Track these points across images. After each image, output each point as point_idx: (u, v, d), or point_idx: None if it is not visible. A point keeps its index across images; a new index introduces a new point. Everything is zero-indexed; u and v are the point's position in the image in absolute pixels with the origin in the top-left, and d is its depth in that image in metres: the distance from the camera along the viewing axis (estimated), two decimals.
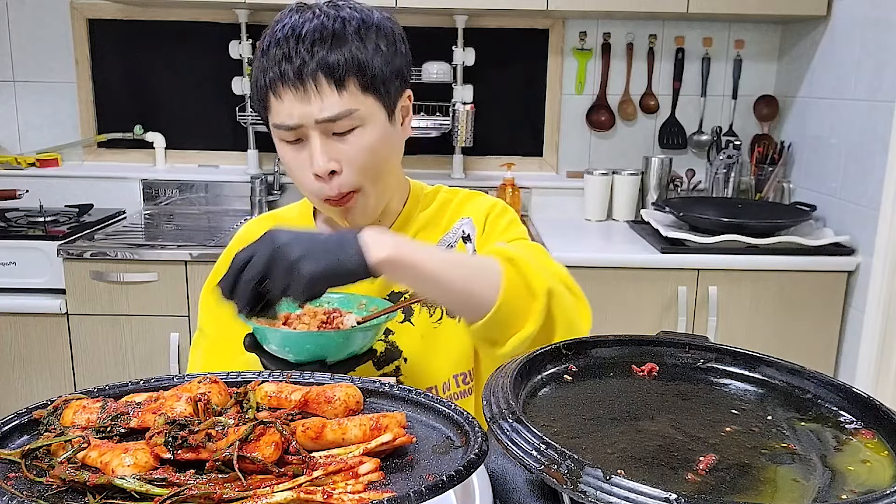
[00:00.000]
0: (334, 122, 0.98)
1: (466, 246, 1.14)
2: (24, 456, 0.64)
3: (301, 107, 0.97)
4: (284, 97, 0.98)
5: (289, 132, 1.00)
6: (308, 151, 1.00)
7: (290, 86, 0.97)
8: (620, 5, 2.47)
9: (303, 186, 1.05)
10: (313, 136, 0.99)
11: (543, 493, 0.81)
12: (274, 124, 1.01)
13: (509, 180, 2.74)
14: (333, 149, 1.00)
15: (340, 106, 0.98)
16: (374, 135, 1.01)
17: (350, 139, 1.00)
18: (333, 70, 0.96)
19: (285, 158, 1.04)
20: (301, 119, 0.98)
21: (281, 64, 0.97)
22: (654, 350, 0.88)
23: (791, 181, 2.72)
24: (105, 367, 2.37)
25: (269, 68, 0.98)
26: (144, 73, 2.86)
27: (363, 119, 1.00)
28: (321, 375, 0.82)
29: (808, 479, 0.64)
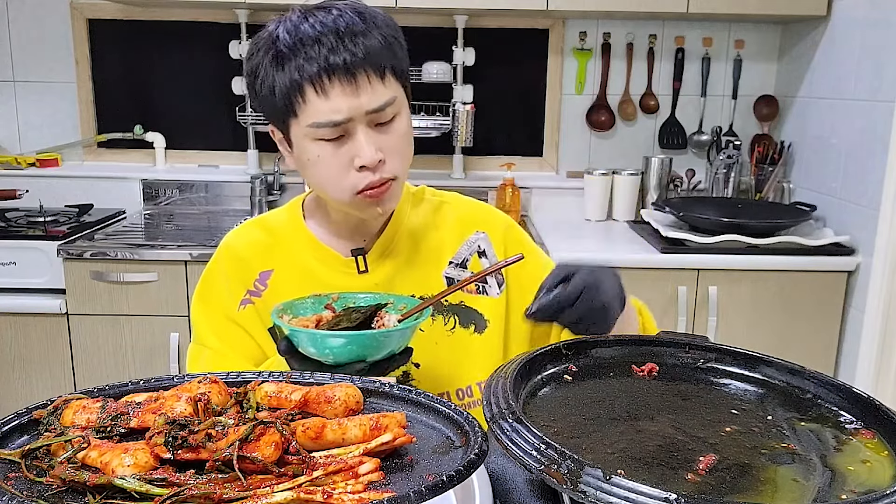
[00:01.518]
0: (382, 111, 0.99)
1: (481, 261, 1.14)
2: (24, 456, 0.64)
3: (350, 100, 0.97)
4: (332, 93, 0.96)
5: (332, 129, 0.98)
6: (350, 146, 1.00)
7: (341, 79, 0.96)
8: (620, 5, 2.47)
9: (337, 183, 1.02)
10: (359, 129, 0.99)
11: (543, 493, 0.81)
12: (314, 123, 0.98)
13: (509, 180, 2.74)
14: (377, 139, 1.00)
15: (387, 94, 0.99)
16: (407, 121, 1.05)
17: (392, 127, 1.02)
18: (378, 61, 0.98)
19: (321, 157, 1.01)
20: (350, 112, 0.97)
21: (328, 58, 0.95)
22: (654, 350, 0.88)
23: (791, 181, 2.72)
24: (105, 367, 2.37)
25: (305, 66, 0.96)
26: (144, 73, 2.86)
27: (399, 106, 1.02)
28: (321, 375, 0.82)
29: (808, 479, 0.64)
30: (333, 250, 1.14)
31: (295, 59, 0.97)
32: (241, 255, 1.14)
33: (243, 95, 2.77)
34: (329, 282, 1.12)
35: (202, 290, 1.16)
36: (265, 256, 1.14)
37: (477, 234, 1.11)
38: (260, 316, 1.11)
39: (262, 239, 1.16)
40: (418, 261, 1.15)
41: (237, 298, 1.12)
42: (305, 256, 1.14)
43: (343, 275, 1.13)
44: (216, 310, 1.13)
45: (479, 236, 1.09)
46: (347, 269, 1.13)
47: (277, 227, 1.17)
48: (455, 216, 1.20)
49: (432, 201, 1.22)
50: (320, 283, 1.12)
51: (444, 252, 1.17)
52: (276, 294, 1.11)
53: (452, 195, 1.24)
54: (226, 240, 1.18)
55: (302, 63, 0.96)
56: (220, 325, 1.12)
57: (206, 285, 1.16)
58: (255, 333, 1.11)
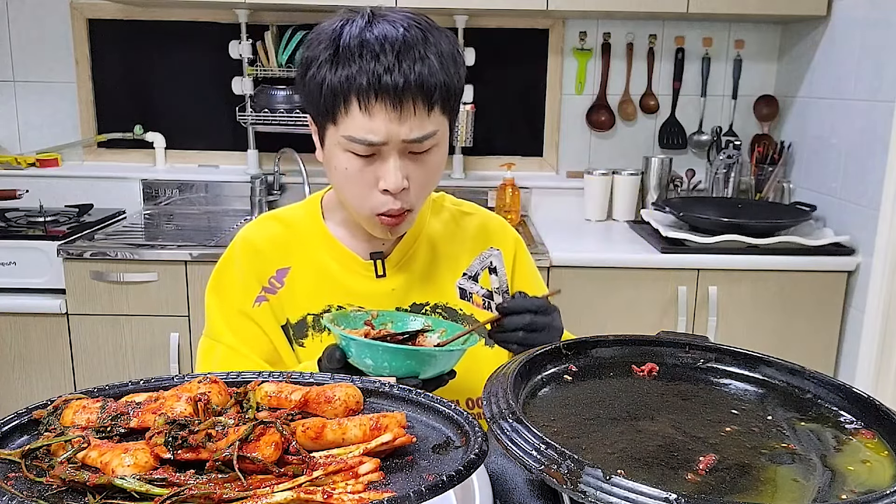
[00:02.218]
0: (420, 143, 0.98)
1: (491, 277, 1.15)
2: (24, 456, 0.64)
3: (392, 125, 0.95)
4: (375, 112, 0.95)
5: (366, 147, 0.97)
6: (378, 167, 0.99)
7: (387, 102, 0.94)
8: (620, 5, 2.47)
9: (360, 199, 1.02)
10: (391, 154, 0.98)
11: (543, 493, 0.81)
12: (350, 136, 0.97)
13: (509, 180, 2.73)
14: (407, 166, 1.00)
15: (430, 127, 0.98)
16: (443, 155, 1.04)
17: (425, 158, 1.01)
18: (430, 93, 0.96)
19: (348, 170, 1.00)
20: (387, 137, 0.96)
21: (381, 77, 0.93)
22: (654, 350, 0.88)
23: (791, 181, 2.72)
24: (105, 367, 2.37)
25: (357, 76, 0.94)
26: (144, 73, 2.86)
27: (439, 139, 1.01)
28: (321, 375, 0.82)
29: (808, 479, 0.64)
30: (352, 252, 1.13)
31: (349, 67, 0.95)
32: (258, 248, 1.13)
33: (243, 95, 2.77)
34: (346, 284, 1.12)
35: (216, 281, 1.15)
36: (283, 253, 1.13)
37: (490, 250, 1.12)
38: (274, 313, 1.11)
39: (280, 234, 1.15)
40: (435, 269, 1.16)
41: (252, 294, 1.11)
42: (323, 256, 1.13)
43: (361, 277, 1.12)
44: (231, 303, 1.12)
45: (493, 252, 1.10)
46: (366, 272, 1.13)
47: (296, 223, 1.16)
48: (472, 229, 1.21)
49: (452, 210, 1.22)
50: (338, 284, 1.12)
51: (459, 263, 1.17)
52: (291, 292, 1.11)
53: (470, 205, 1.25)
54: (243, 232, 1.17)
55: (355, 73, 0.94)
56: (235, 319, 1.11)
57: (220, 277, 1.15)
58: (269, 330, 1.11)
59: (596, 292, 2.30)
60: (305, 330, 1.11)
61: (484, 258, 1.04)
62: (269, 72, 2.75)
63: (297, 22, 2.76)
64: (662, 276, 2.30)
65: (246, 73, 2.75)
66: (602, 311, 2.32)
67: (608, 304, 2.32)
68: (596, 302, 2.31)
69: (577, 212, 2.84)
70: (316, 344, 1.11)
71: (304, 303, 1.12)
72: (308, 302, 1.12)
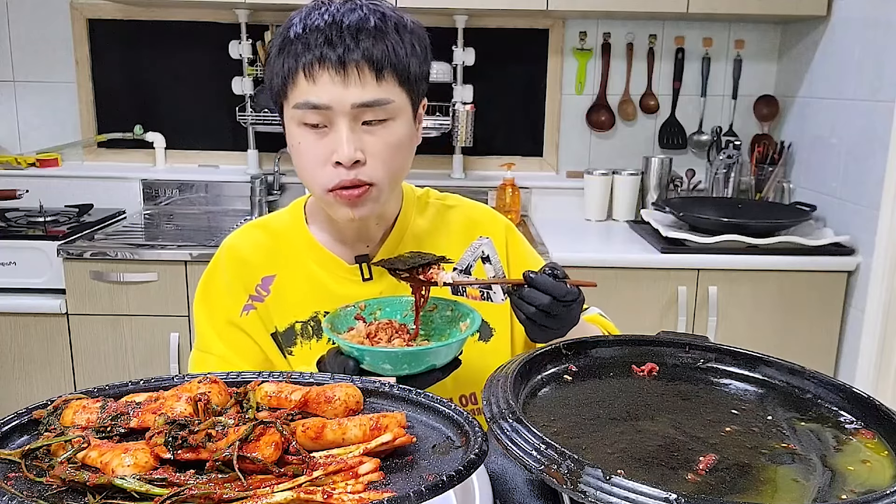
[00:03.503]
0: (370, 108, 0.98)
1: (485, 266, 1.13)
2: (24, 456, 0.64)
3: (336, 90, 0.96)
4: (319, 80, 0.96)
5: (314, 113, 0.97)
6: (330, 139, 0.99)
7: (331, 69, 0.96)
8: (620, 5, 2.47)
9: (313, 176, 1.02)
10: (341, 122, 0.98)
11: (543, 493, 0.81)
12: (296, 104, 0.98)
13: (509, 180, 2.73)
14: (360, 139, 0.99)
15: (379, 93, 0.98)
16: (401, 131, 1.02)
17: (379, 131, 1.00)
18: (377, 61, 0.97)
19: (301, 144, 1.00)
20: (332, 101, 0.96)
21: (322, 48, 0.95)
22: (654, 350, 0.88)
23: (791, 181, 2.72)
24: (105, 367, 2.37)
25: (303, 52, 0.96)
26: (144, 73, 2.86)
27: (395, 112, 1.00)
28: (321, 375, 0.82)
29: (808, 479, 0.64)
30: (337, 257, 1.12)
31: (296, 46, 0.97)
32: (243, 257, 1.12)
33: (243, 95, 2.77)
34: (333, 289, 1.11)
35: (203, 292, 1.14)
36: (268, 260, 1.12)
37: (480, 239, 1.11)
38: (262, 322, 1.10)
39: (264, 242, 1.14)
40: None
41: (240, 303, 1.10)
42: (308, 262, 1.12)
43: (347, 282, 1.11)
44: (219, 313, 1.11)
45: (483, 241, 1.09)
46: (352, 276, 1.12)
47: (280, 230, 1.15)
48: (459, 221, 1.19)
49: (436, 205, 1.20)
50: (324, 289, 1.11)
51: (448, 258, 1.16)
52: (279, 299, 1.10)
53: (455, 197, 1.23)
54: (227, 241, 1.16)
55: (300, 50, 0.97)
56: (224, 329, 1.10)
57: (207, 288, 1.14)
58: (259, 339, 1.10)
59: (596, 292, 2.29)
60: (294, 338, 1.10)
61: (474, 249, 1.03)
62: None
63: None
64: (662, 276, 2.30)
65: (246, 73, 2.75)
66: (602, 310, 2.31)
67: (608, 304, 2.31)
68: (596, 302, 2.31)
69: (577, 212, 2.84)
70: (305, 351, 1.10)
71: (292, 310, 1.11)
72: (295, 309, 1.11)
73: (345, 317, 1.00)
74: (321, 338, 1.10)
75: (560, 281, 0.96)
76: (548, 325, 0.96)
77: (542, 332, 0.98)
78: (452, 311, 1.03)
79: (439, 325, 1.03)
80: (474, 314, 0.99)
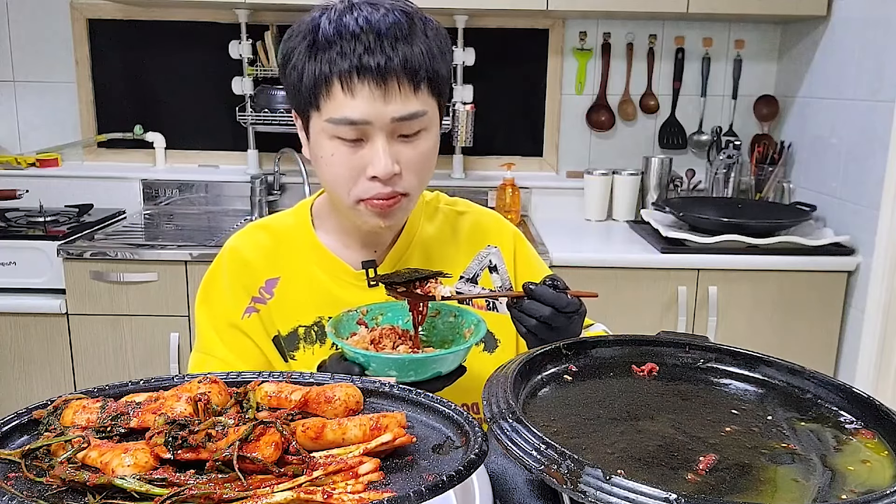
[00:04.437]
0: (408, 122, 0.96)
1: (492, 276, 1.11)
2: (24, 456, 0.64)
3: (376, 104, 0.93)
4: (358, 92, 0.93)
5: (350, 128, 0.94)
6: (366, 153, 0.96)
7: (370, 82, 0.92)
8: (620, 5, 2.47)
9: (344, 187, 0.99)
10: (378, 136, 0.95)
11: (543, 493, 0.81)
12: (332, 119, 0.95)
13: (509, 180, 2.73)
14: (396, 151, 0.97)
15: (417, 106, 0.96)
16: (433, 139, 1.01)
17: (414, 142, 0.98)
18: (415, 71, 0.94)
19: (334, 157, 0.97)
20: (371, 116, 0.93)
21: (361, 56, 0.91)
22: (654, 350, 0.88)
23: (791, 181, 2.72)
24: (105, 367, 2.37)
25: (338, 60, 0.92)
26: (144, 73, 2.86)
27: (428, 122, 0.99)
28: (321, 375, 0.82)
29: (808, 479, 0.64)
30: (343, 261, 1.11)
31: (329, 52, 0.93)
32: (246, 259, 1.11)
33: (243, 95, 2.77)
34: (337, 294, 1.09)
35: (205, 294, 1.12)
36: (271, 263, 1.11)
37: (489, 248, 1.09)
38: (264, 325, 1.09)
39: (268, 244, 1.12)
40: None
41: (242, 306, 1.09)
42: (313, 266, 1.11)
43: (353, 288, 1.10)
44: (221, 316, 1.10)
45: (491, 251, 1.07)
46: (357, 281, 1.10)
47: (284, 232, 1.13)
48: (468, 228, 1.18)
49: (446, 211, 1.19)
50: (328, 294, 1.09)
51: (455, 265, 1.14)
52: (281, 303, 1.09)
53: (465, 203, 1.22)
54: (230, 243, 1.14)
55: (335, 57, 0.93)
56: (226, 331, 1.09)
57: (208, 289, 1.13)
58: (260, 342, 1.09)
59: (597, 294, 2.30)
60: (297, 342, 1.09)
61: (482, 258, 1.01)
62: (269, 72, 2.75)
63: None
64: (662, 276, 2.30)
65: (246, 73, 2.75)
66: (602, 311, 2.31)
67: (608, 304, 2.32)
68: (596, 302, 2.30)
69: (577, 212, 2.84)
70: (308, 356, 1.09)
71: (295, 314, 1.09)
72: (298, 313, 1.09)
73: (347, 321, 1.00)
74: (324, 343, 1.09)
75: (561, 292, 0.95)
76: (549, 337, 0.94)
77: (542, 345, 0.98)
78: (456, 317, 1.03)
79: (442, 331, 1.03)
80: (480, 321, 0.98)
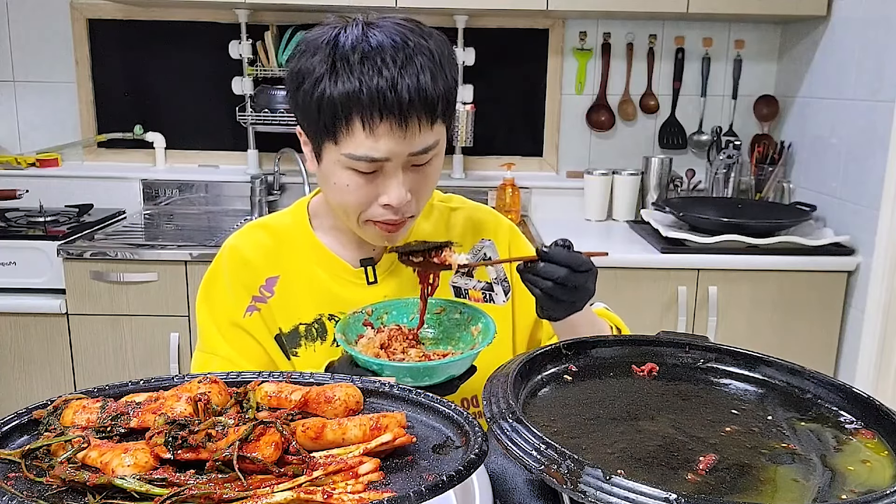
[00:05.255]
0: (423, 155, 0.97)
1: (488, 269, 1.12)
2: (24, 456, 0.64)
3: (396, 142, 0.93)
4: (378, 129, 0.92)
5: (370, 164, 0.95)
6: (380, 183, 0.97)
7: (392, 121, 0.92)
8: (620, 5, 2.47)
9: (354, 210, 1.00)
10: (396, 169, 0.96)
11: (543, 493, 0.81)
12: (352, 155, 0.94)
13: (509, 180, 2.74)
14: (410, 179, 0.98)
15: (432, 139, 0.97)
16: (440, 164, 1.03)
17: (425, 170, 1.00)
18: (433, 106, 0.94)
19: (349, 186, 0.98)
20: (390, 153, 0.94)
21: (385, 95, 0.90)
22: (654, 350, 0.88)
23: (791, 181, 2.72)
24: (105, 367, 2.37)
25: (360, 95, 0.91)
26: (144, 73, 2.86)
27: (438, 150, 1.00)
28: (321, 375, 0.82)
29: (808, 479, 0.64)
30: (342, 259, 1.12)
31: (350, 82, 0.91)
32: (246, 258, 1.11)
33: (243, 95, 2.77)
34: (337, 292, 1.10)
35: (206, 294, 1.13)
36: (271, 261, 1.11)
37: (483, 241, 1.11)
38: (266, 323, 1.09)
39: (267, 243, 1.13)
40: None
41: (243, 305, 1.10)
42: (312, 265, 1.12)
43: (352, 286, 1.11)
44: (222, 315, 1.10)
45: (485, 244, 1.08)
46: (356, 279, 1.11)
47: (283, 231, 1.14)
48: (463, 223, 1.19)
49: (440, 208, 1.20)
50: (328, 292, 1.10)
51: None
52: (282, 301, 1.10)
53: (459, 199, 1.23)
54: (230, 242, 1.14)
55: (357, 90, 0.91)
56: (228, 330, 1.10)
57: (209, 289, 1.13)
58: (263, 340, 1.10)
59: (596, 292, 2.30)
60: (298, 339, 1.10)
61: (477, 251, 1.02)
62: (269, 72, 2.75)
63: (297, 22, 2.77)
64: (662, 276, 2.30)
65: (246, 73, 2.75)
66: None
67: (608, 303, 2.31)
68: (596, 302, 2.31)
69: (577, 212, 2.84)
70: (309, 353, 1.09)
71: (295, 312, 1.10)
72: (299, 311, 1.10)
73: (354, 324, 1.00)
74: (325, 340, 1.09)
75: (574, 252, 0.96)
76: (565, 297, 0.95)
77: (559, 306, 0.98)
78: (461, 313, 1.03)
79: (448, 328, 1.03)
80: (487, 319, 0.99)
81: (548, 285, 0.95)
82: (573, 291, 0.96)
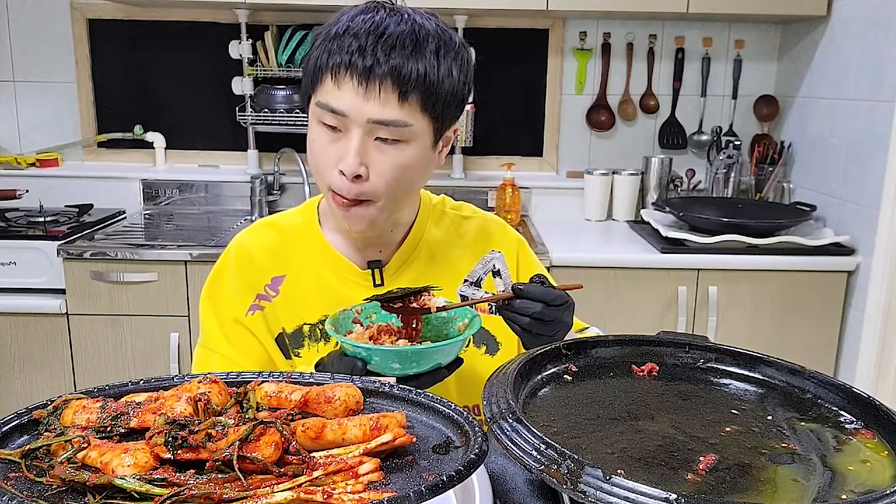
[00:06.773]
0: (385, 127, 0.97)
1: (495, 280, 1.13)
2: (24, 456, 0.64)
3: (357, 100, 0.95)
4: (343, 86, 0.96)
5: (332, 116, 0.97)
6: (342, 145, 0.98)
7: (355, 79, 0.95)
8: (620, 5, 2.47)
9: (321, 173, 1.02)
10: (354, 133, 0.97)
11: (543, 493, 0.81)
12: (319, 102, 0.98)
13: (509, 180, 2.73)
14: (368, 153, 0.98)
15: (398, 114, 0.97)
16: (413, 155, 1.01)
17: (389, 150, 0.99)
18: (404, 81, 0.95)
19: (316, 141, 1.01)
20: (350, 110, 0.96)
21: (353, 55, 0.95)
22: (654, 350, 0.88)
23: (791, 181, 2.72)
24: (105, 367, 2.37)
25: (335, 53, 0.96)
26: (144, 73, 2.86)
27: (411, 136, 0.99)
28: (321, 375, 0.82)
29: (808, 479, 0.64)
30: (349, 261, 1.12)
31: (331, 44, 0.97)
32: (252, 256, 1.12)
33: (243, 95, 2.77)
34: (343, 293, 1.10)
35: (211, 289, 1.13)
36: (278, 260, 1.12)
37: (493, 253, 1.11)
38: (268, 323, 1.10)
39: (274, 242, 1.13)
40: (434, 277, 1.13)
41: (246, 303, 1.10)
42: (319, 265, 1.12)
43: (358, 287, 1.11)
44: (225, 312, 1.10)
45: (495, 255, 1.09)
46: (363, 281, 1.11)
47: (291, 230, 1.14)
48: (473, 233, 1.20)
49: (451, 215, 1.21)
50: (334, 293, 1.10)
51: (459, 269, 1.15)
52: (287, 301, 1.10)
53: (470, 208, 1.24)
54: (237, 239, 1.15)
55: (334, 49, 0.96)
56: (230, 328, 1.10)
57: (214, 285, 1.13)
58: (263, 339, 1.10)
59: (596, 292, 2.30)
60: (301, 340, 1.10)
61: (486, 262, 1.03)
62: (269, 72, 2.75)
63: (297, 22, 2.77)
64: (662, 276, 2.30)
65: (246, 73, 2.75)
66: (602, 311, 2.32)
67: (608, 304, 2.32)
68: (596, 302, 2.31)
69: (577, 212, 2.84)
70: (312, 354, 1.09)
71: (300, 312, 1.10)
72: (304, 311, 1.10)
73: (343, 320, 1.01)
74: (329, 341, 1.09)
75: (547, 287, 0.98)
76: (543, 332, 0.97)
77: (538, 340, 0.98)
78: (448, 311, 1.04)
79: (436, 326, 1.04)
80: (473, 315, 1.00)
81: (525, 321, 0.97)
82: (550, 325, 0.97)
